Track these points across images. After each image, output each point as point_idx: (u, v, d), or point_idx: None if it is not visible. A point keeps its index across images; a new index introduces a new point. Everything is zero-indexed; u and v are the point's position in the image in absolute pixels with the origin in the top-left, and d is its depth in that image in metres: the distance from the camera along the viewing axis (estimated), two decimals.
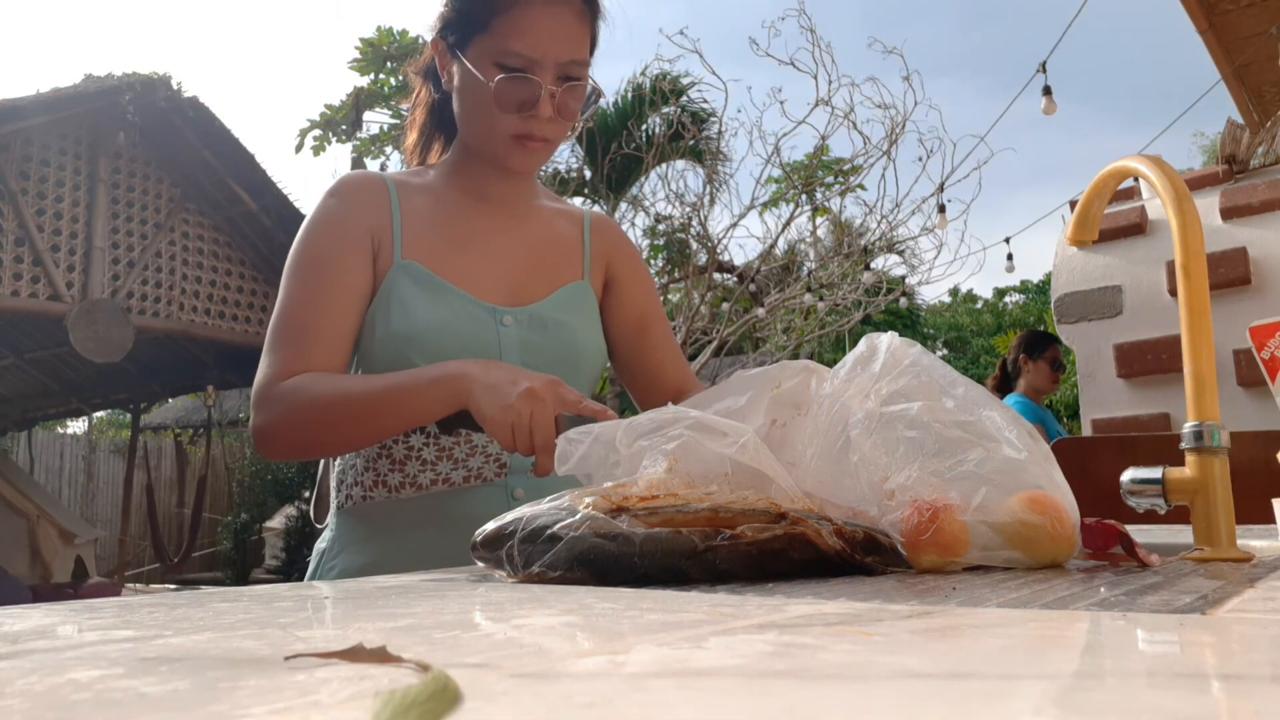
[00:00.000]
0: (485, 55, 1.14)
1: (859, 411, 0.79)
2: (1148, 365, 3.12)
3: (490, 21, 1.13)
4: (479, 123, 1.18)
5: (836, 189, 6.95)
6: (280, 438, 1.11)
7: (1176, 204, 0.86)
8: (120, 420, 18.09)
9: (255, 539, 11.27)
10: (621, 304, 1.35)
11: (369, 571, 1.13)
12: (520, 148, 1.18)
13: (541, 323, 1.23)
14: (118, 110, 6.92)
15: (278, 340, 1.14)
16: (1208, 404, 0.81)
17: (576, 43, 1.16)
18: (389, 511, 1.19)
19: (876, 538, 0.73)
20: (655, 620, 0.45)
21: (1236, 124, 3.24)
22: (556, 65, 1.14)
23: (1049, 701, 0.28)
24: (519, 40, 1.12)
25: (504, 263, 1.25)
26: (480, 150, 1.22)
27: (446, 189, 1.26)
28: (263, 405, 1.11)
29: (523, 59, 1.12)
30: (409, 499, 1.18)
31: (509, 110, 1.14)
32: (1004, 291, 21.63)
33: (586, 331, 1.28)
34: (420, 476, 1.18)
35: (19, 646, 0.39)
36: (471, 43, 1.15)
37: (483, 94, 1.14)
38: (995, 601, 0.52)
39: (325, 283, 1.16)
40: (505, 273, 1.24)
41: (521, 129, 1.16)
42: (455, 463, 1.18)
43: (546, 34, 1.13)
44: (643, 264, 1.41)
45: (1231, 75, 4.76)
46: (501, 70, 1.13)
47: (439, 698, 0.26)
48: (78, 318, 6.63)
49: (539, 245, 1.29)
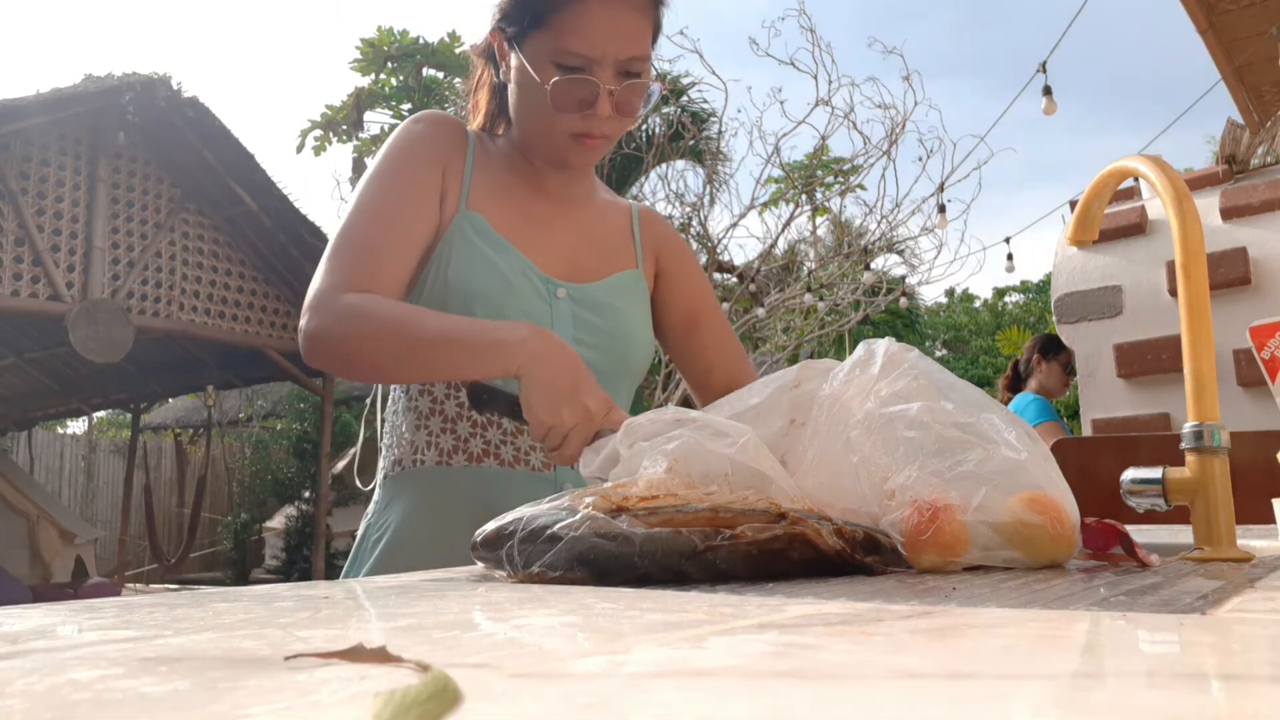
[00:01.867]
0: (542, 53, 1.11)
1: (858, 412, 0.79)
2: (1148, 365, 3.12)
3: (547, 18, 1.10)
4: (535, 120, 1.16)
5: (836, 189, 6.95)
6: (333, 348, 1.09)
7: (1176, 204, 0.86)
8: (120, 420, 18.08)
9: (255, 539, 11.27)
10: (672, 298, 1.35)
11: (414, 549, 1.14)
12: (579, 145, 1.15)
13: (595, 304, 1.22)
14: (118, 110, 6.93)
15: (343, 251, 1.12)
16: (1208, 404, 0.81)
17: (637, 39, 1.12)
18: (438, 483, 1.18)
19: (876, 538, 0.73)
20: (655, 620, 0.45)
21: (1236, 124, 3.24)
22: (616, 63, 1.10)
23: (1049, 701, 0.28)
24: (577, 40, 1.09)
25: (561, 238, 1.24)
26: (535, 146, 1.21)
27: (512, 162, 1.25)
28: (319, 311, 1.08)
29: (581, 58, 1.09)
30: (459, 470, 1.18)
31: (567, 110, 1.12)
32: (1003, 291, 21.64)
33: (637, 320, 1.28)
34: (471, 443, 1.18)
35: (19, 646, 0.39)
36: (529, 38, 1.13)
37: (539, 93, 1.12)
38: (995, 601, 0.52)
39: (397, 204, 1.14)
40: (563, 248, 1.24)
41: (580, 128, 1.13)
42: (505, 434, 1.18)
43: (605, 32, 1.09)
44: (693, 258, 1.40)
45: (1231, 75, 4.76)
46: (559, 70, 1.10)
47: (439, 698, 0.26)
48: (78, 318, 6.63)
49: (595, 230, 1.29)
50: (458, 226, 1.17)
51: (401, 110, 14.03)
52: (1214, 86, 4.92)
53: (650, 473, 0.73)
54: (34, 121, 6.43)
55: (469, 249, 1.16)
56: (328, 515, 9.06)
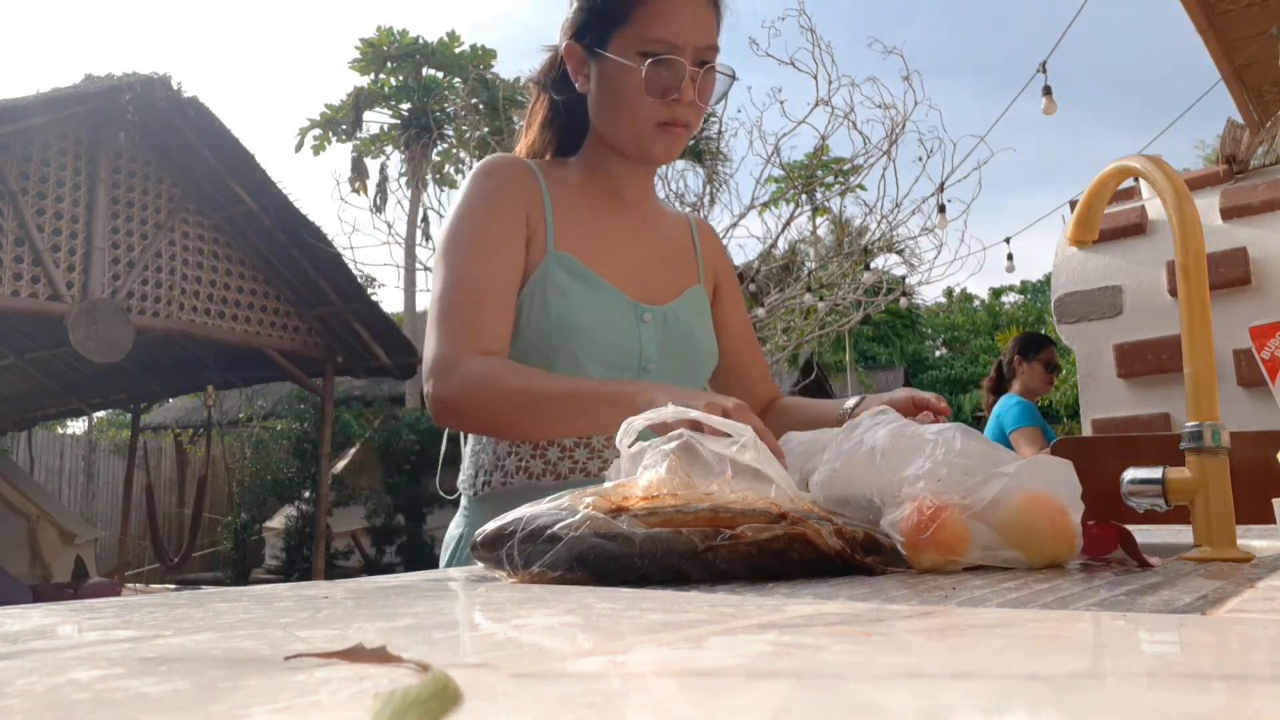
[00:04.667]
0: (628, 46, 1.19)
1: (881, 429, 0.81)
2: (1148, 365, 3.12)
3: (630, 14, 1.19)
4: (624, 113, 1.22)
5: (836, 189, 6.95)
6: (467, 414, 1.15)
7: (1176, 204, 0.86)
8: (120, 420, 18.09)
9: (255, 539, 11.26)
10: (725, 318, 1.42)
11: None
12: (665, 134, 1.22)
13: (674, 322, 1.28)
14: (118, 110, 6.93)
15: (449, 317, 1.17)
16: (1208, 404, 0.81)
17: (710, 28, 1.21)
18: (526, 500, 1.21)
19: (876, 538, 0.73)
20: (655, 620, 0.45)
21: (1236, 124, 3.24)
22: (695, 50, 1.19)
23: (1049, 701, 0.28)
24: (662, 27, 1.17)
25: (639, 261, 1.30)
26: (621, 142, 1.25)
27: (584, 185, 1.30)
28: (445, 377, 1.14)
29: (666, 44, 1.17)
30: (548, 487, 1.20)
31: (656, 95, 1.19)
32: (1000, 291, 21.65)
33: (706, 334, 1.35)
34: (560, 464, 1.22)
35: (19, 646, 0.39)
36: (612, 38, 1.20)
37: (629, 82, 1.19)
38: (995, 601, 0.52)
39: (492, 258, 1.20)
40: (641, 271, 1.29)
41: (666, 115, 1.20)
42: (592, 451, 1.22)
43: (686, 20, 1.18)
44: (736, 279, 1.50)
45: (1231, 75, 4.75)
46: (646, 58, 1.18)
47: (439, 698, 0.26)
48: (78, 318, 6.63)
49: (665, 247, 1.36)
50: (548, 268, 1.22)
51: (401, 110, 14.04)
52: (1214, 87, 4.92)
53: (650, 473, 0.73)
54: (34, 121, 6.42)
55: (562, 288, 1.21)
56: (328, 515, 9.06)
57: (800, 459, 0.89)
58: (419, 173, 14.04)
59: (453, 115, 12.67)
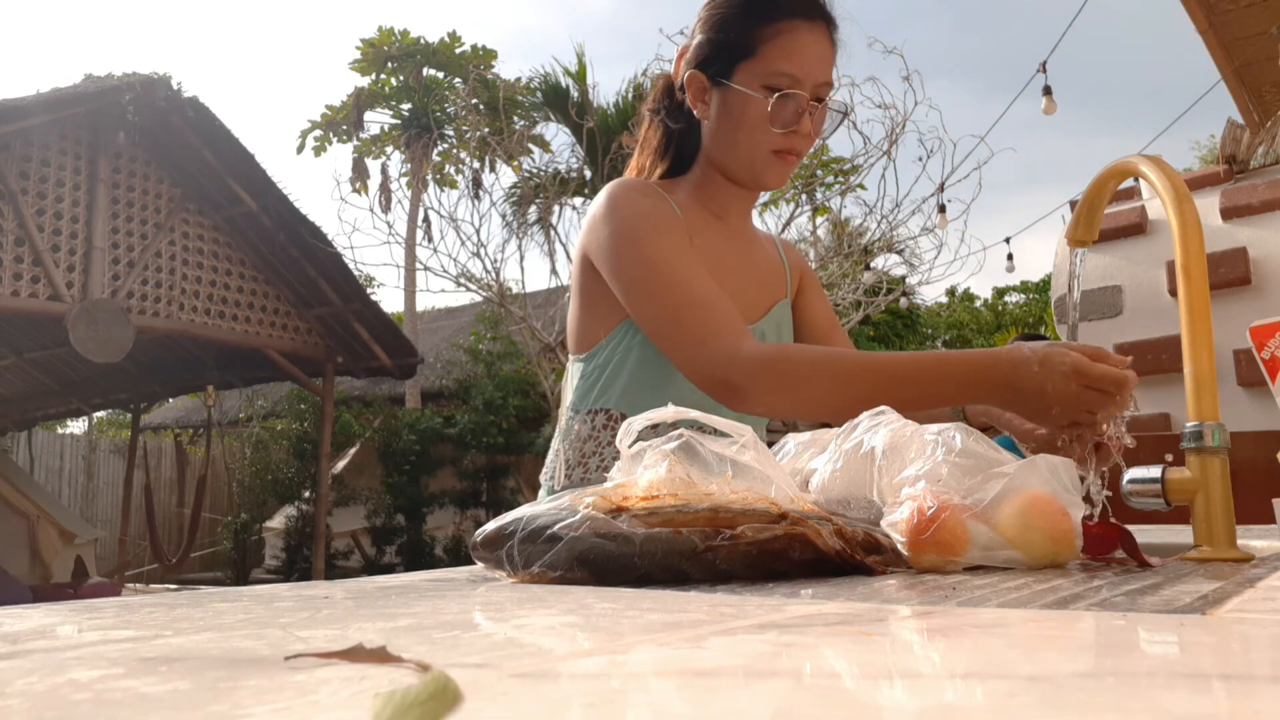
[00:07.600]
0: (753, 78, 1.23)
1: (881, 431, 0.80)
2: (1148, 365, 3.12)
3: (758, 49, 1.23)
4: (744, 141, 1.26)
5: (836, 189, 6.95)
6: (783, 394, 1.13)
7: (1176, 204, 0.86)
8: (120, 420, 18.09)
9: (255, 539, 11.26)
10: (812, 307, 1.48)
11: None
12: (779, 162, 1.27)
13: (762, 339, 1.32)
14: (118, 110, 6.93)
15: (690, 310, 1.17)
16: (1208, 404, 0.81)
17: (829, 65, 1.26)
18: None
19: (876, 538, 0.73)
20: (655, 620, 0.45)
21: (1236, 124, 3.24)
22: (814, 86, 1.24)
23: (1049, 701, 0.28)
24: (787, 62, 1.22)
25: (739, 280, 1.34)
26: (735, 168, 1.30)
27: (693, 206, 1.34)
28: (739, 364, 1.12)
29: (790, 79, 1.22)
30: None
31: (778, 126, 1.24)
32: (1003, 291, 21.65)
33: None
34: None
35: (19, 646, 0.39)
36: (737, 70, 1.24)
37: (752, 113, 1.23)
38: (995, 601, 0.52)
39: (692, 263, 1.21)
40: (741, 289, 1.33)
41: (783, 144, 1.25)
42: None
43: (809, 56, 1.23)
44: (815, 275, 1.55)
45: (1231, 75, 4.75)
46: (770, 91, 1.22)
47: (439, 698, 0.26)
48: (78, 318, 6.63)
49: (760, 265, 1.41)
50: None
51: (401, 110, 14.04)
52: (1214, 87, 4.92)
53: (650, 473, 0.73)
54: (34, 121, 6.42)
55: None
56: (328, 515, 9.06)
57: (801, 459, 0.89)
58: (419, 173, 14.04)
59: (453, 115, 12.67)
